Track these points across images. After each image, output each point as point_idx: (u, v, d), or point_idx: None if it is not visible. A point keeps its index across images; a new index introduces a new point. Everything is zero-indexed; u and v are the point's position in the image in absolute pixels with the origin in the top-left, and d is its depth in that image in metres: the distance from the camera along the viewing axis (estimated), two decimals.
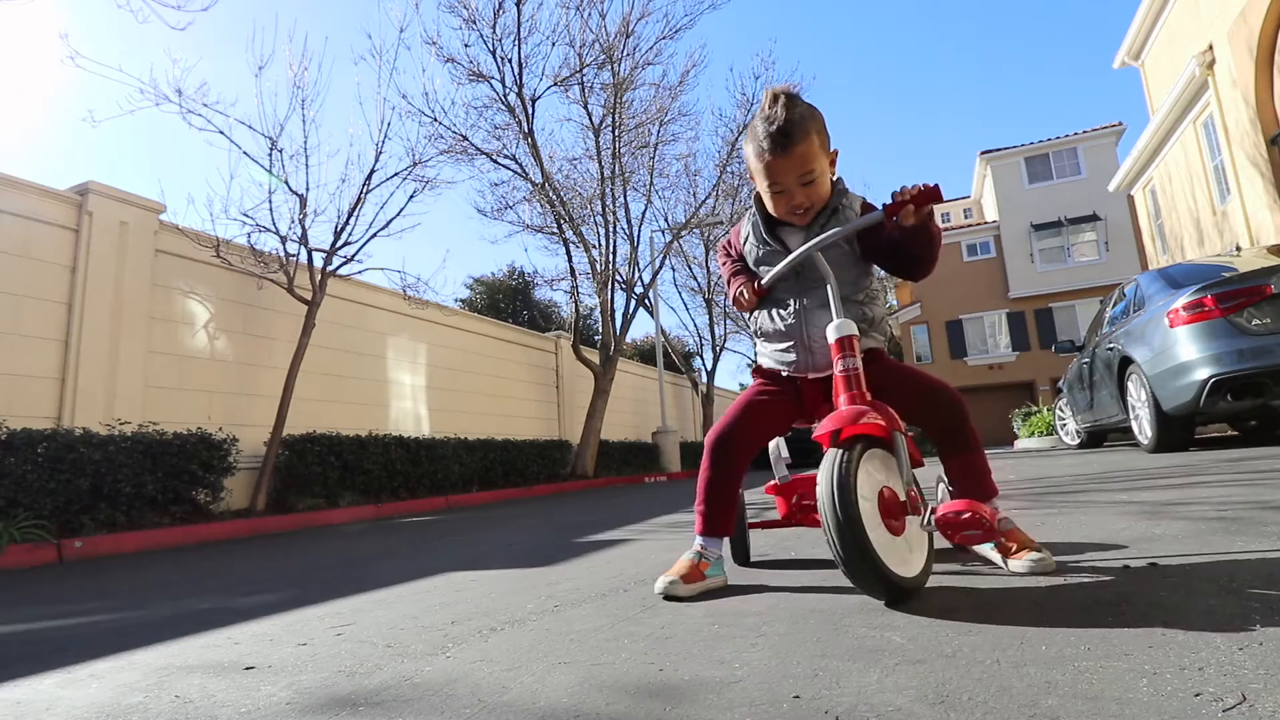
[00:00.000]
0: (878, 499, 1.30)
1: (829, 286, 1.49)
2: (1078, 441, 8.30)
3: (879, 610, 1.25)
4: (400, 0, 13.18)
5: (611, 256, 11.92)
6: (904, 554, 1.29)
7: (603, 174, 11.69)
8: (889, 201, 1.39)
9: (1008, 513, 1.64)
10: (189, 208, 11.31)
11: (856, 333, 1.44)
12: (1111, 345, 5.98)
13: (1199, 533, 1.72)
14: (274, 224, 6.45)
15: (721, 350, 19.22)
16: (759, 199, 1.65)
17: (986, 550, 1.59)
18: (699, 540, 1.65)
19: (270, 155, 6.53)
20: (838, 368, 1.42)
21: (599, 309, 12.06)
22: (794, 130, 1.45)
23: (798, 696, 0.85)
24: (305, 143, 6.75)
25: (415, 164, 7.63)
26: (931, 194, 1.32)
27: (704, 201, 14.92)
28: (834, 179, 1.59)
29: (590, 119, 11.74)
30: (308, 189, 6.67)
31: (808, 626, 1.18)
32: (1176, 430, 5.14)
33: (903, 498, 1.33)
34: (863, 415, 1.31)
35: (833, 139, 1.56)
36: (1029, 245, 25.39)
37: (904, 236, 1.44)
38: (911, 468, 1.36)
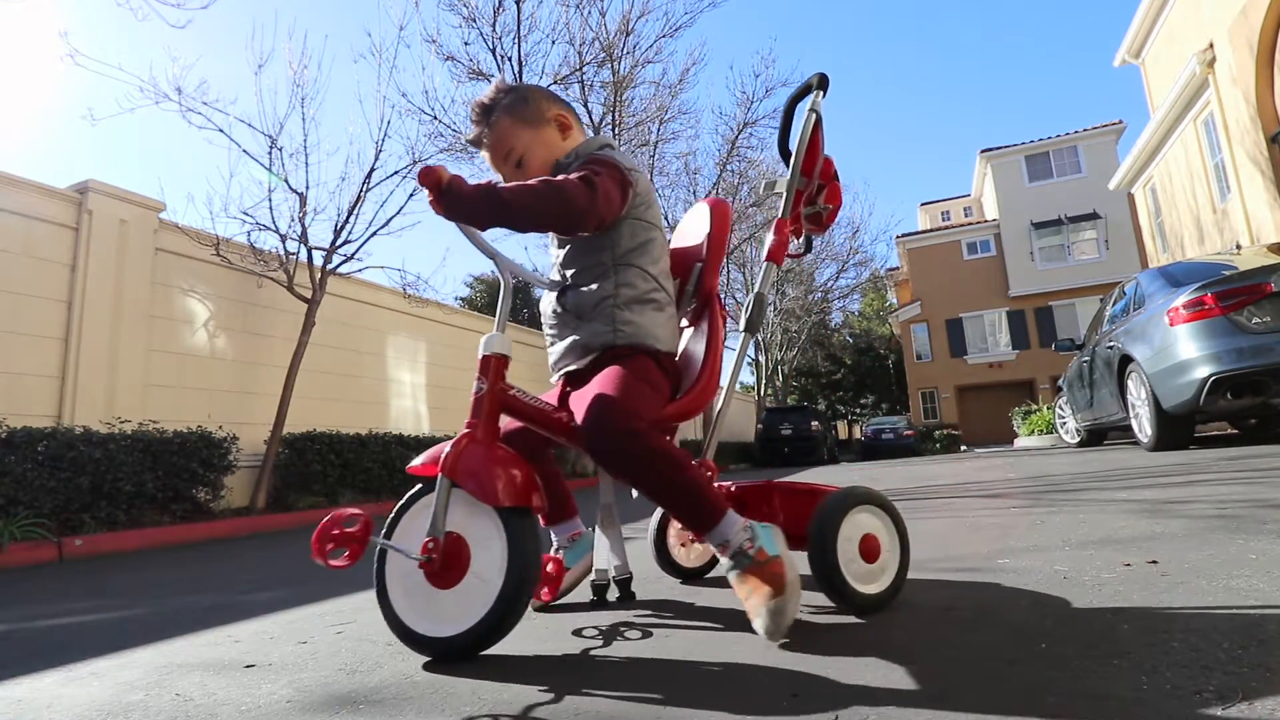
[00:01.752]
0: (422, 547, 1.14)
1: (501, 282, 1.33)
2: (1078, 440, 8.30)
3: (879, 610, 1.25)
4: None
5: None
6: (440, 609, 1.15)
7: None
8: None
9: (1007, 512, 1.63)
10: (189, 206, 11.29)
11: (502, 351, 1.23)
12: (1111, 344, 5.98)
13: (1199, 531, 1.72)
14: (274, 222, 6.45)
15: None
16: None
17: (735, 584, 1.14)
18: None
19: (270, 153, 6.54)
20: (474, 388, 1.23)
21: None
22: (482, 115, 1.40)
23: (796, 695, 0.85)
24: (305, 141, 6.75)
25: (415, 162, 7.63)
26: (421, 175, 1.11)
27: None
28: (579, 146, 1.41)
29: (590, 117, 11.72)
30: (307, 187, 6.67)
31: (807, 625, 1.18)
32: (1176, 428, 5.14)
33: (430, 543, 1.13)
34: (434, 455, 1.19)
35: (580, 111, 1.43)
36: (1029, 244, 25.38)
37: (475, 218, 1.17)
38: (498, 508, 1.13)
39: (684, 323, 1.53)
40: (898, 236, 28.73)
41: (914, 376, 27.65)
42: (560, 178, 1.22)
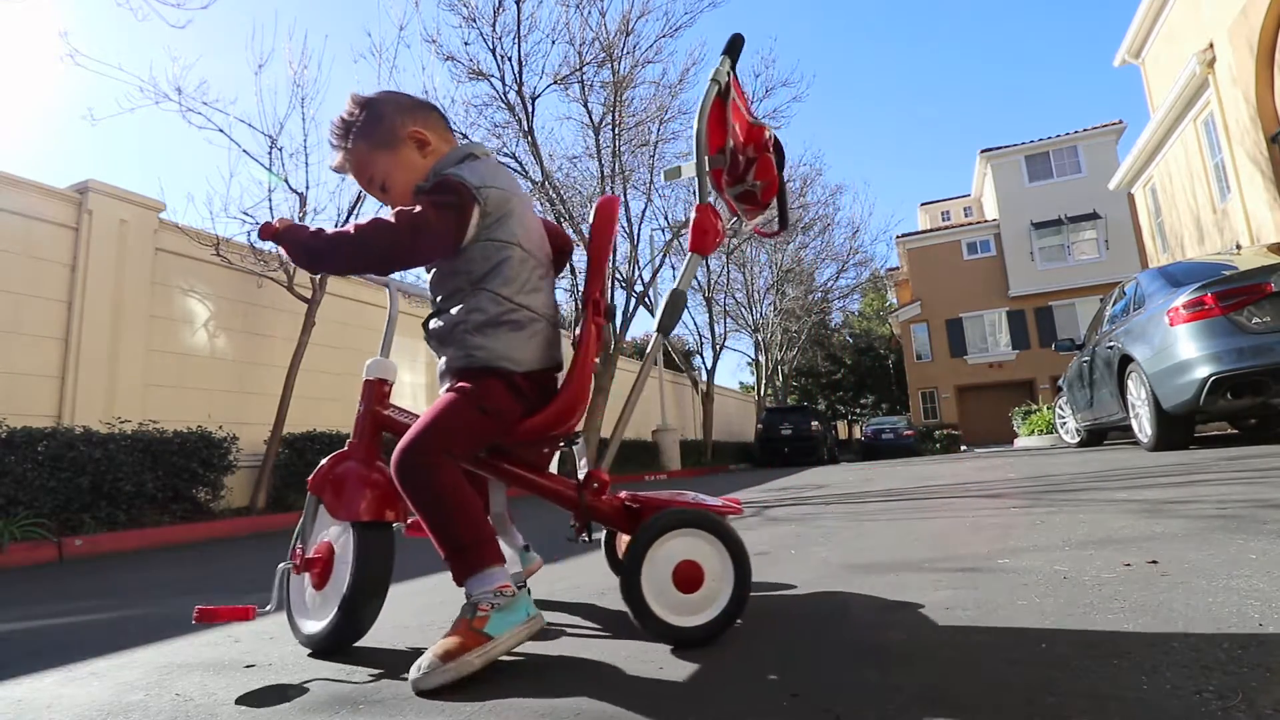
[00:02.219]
0: (292, 553, 1.34)
1: (389, 307, 1.49)
2: (1078, 440, 8.30)
3: (879, 609, 1.25)
4: None
5: (612, 255, 11.91)
6: (314, 609, 1.32)
7: (603, 172, 11.67)
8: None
9: (1007, 512, 1.63)
10: (189, 206, 11.31)
11: (381, 376, 1.40)
12: (1111, 344, 5.98)
13: (1199, 531, 1.72)
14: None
15: (722, 349, 19.22)
16: None
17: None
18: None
19: (270, 153, 6.54)
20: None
21: None
22: (341, 136, 1.34)
23: (796, 695, 0.85)
24: (305, 141, 6.75)
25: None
26: (261, 230, 1.22)
27: None
28: (437, 164, 1.34)
29: (590, 117, 11.71)
30: (308, 187, 6.68)
31: (807, 625, 1.18)
32: (1176, 428, 5.14)
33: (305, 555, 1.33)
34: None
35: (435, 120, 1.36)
36: (1029, 244, 25.38)
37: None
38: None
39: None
40: (898, 236, 28.73)
41: (914, 376, 27.65)
42: (381, 219, 1.20)
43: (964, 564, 1.61)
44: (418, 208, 1.20)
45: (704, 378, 18.89)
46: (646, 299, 13.98)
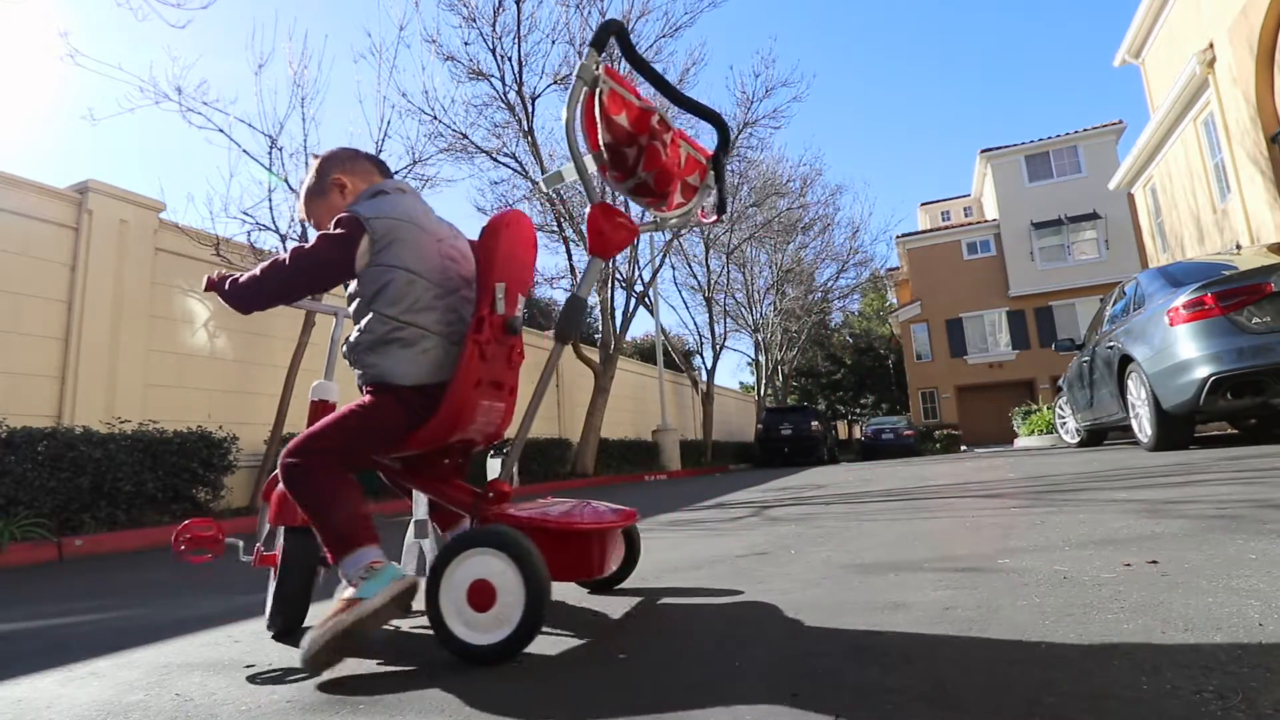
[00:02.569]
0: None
1: (334, 331, 1.76)
2: (1078, 440, 8.30)
3: (879, 609, 1.25)
4: None
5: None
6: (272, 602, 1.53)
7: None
8: None
9: (1007, 512, 1.63)
10: (189, 206, 11.35)
11: (324, 397, 1.61)
12: (1111, 344, 5.98)
13: (1199, 531, 1.72)
14: (274, 222, 6.45)
15: (721, 349, 19.23)
16: None
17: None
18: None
19: (270, 153, 6.55)
20: None
21: (599, 308, 12.06)
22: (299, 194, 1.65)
23: (796, 694, 0.85)
24: (305, 141, 6.78)
25: (415, 162, 7.64)
26: (205, 284, 1.51)
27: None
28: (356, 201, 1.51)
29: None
30: None
31: (807, 625, 1.18)
32: (1176, 428, 5.14)
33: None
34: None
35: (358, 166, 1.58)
36: (1029, 244, 25.37)
37: None
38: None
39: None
40: (898, 236, 28.72)
41: (914, 376, 27.64)
42: (279, 257, 1.43)
43: (964, 564, 1.61)
44: (310, 243, 1.41)
45: (704, 378, 18.89)
46: (646, 299, 13.99)
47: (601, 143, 1.40)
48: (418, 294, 1.39)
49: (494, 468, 1.62)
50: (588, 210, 1.35)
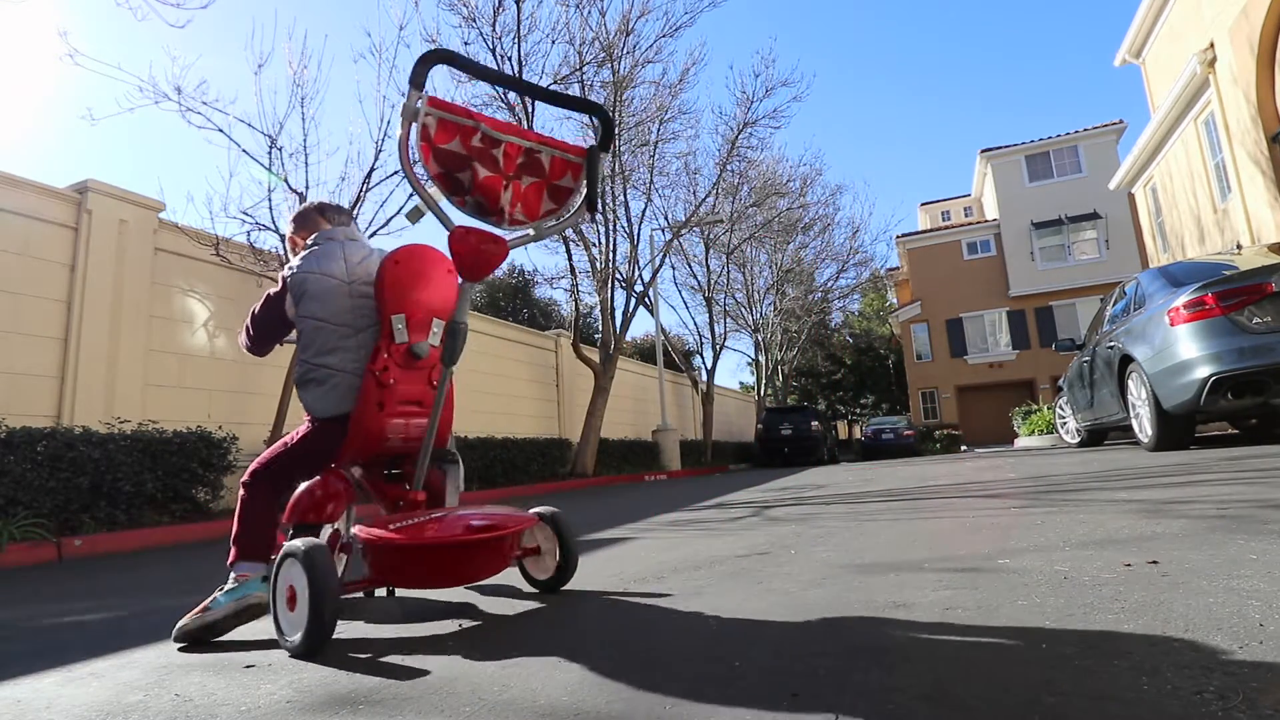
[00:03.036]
0: None
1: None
2: (1078, 440, 8.30)
3: (879, 609, 1.25)
4: None
5: (611, 255, 11.91)
6: None
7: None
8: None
9: (1007, 512, 1.63)
10: (188, 206, 11.37)
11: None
12: (1112, 344, 5.97)
13: (1199, 531, 1.72)
14: (273, 222, 6.45)
15: (722, 349, 19.21)
16: None
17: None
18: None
19: (270, 153, 6.54)
20: None
21: (599, 307, 12.06)
22: None
23: (796, 694, 0.85)
24: (305, 141, 6.76)
25: (414, 162, 7.62)
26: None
27: (704, 200, 14.91)
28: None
29: (590, 117, 11.72)
30: (307, 187, 6.67)
31: (807, 626, 1.18)
32: (1177, 428, 5.13)
33: None
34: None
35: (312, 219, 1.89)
36: (1029, 243, 25.36)
37: None
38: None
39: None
40: (898, 236, 28.71)
41: (914, 376, 27.63)
42: (256, 309, 1.77)
43: (964, 564, 1.61)
44: (260, 302, 1.74)
45: (704, 378, 18.88)
46: (646, 299, 13.99)
47: (434, 172, 1.50)
48: (324, 338, 1.63)
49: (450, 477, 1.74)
50: (447, 236, 1.45)
